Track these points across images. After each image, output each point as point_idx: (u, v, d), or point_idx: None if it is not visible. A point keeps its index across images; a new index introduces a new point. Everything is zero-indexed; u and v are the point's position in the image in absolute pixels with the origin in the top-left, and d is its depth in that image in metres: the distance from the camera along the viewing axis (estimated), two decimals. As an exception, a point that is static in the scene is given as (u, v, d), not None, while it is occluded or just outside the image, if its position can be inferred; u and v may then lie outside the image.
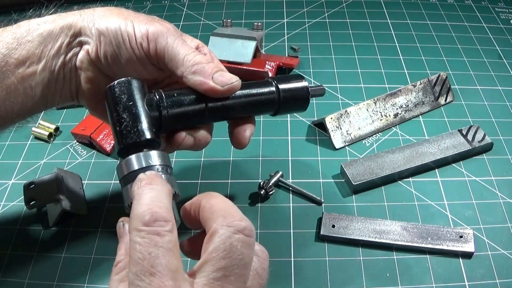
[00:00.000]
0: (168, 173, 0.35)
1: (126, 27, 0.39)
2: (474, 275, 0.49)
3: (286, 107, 0.44)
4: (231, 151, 0.63)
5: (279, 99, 0.43)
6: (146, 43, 0.39)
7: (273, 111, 0.45)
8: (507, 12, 0.90)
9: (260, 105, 0.43)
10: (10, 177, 0.61)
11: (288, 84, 0.44)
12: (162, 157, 0.36)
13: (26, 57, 0.38)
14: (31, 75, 0.39)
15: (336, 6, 0.92)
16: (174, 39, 0.39)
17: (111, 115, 0.37)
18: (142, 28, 0.39)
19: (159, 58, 0.40)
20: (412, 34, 0.84)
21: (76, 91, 0.42)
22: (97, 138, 0.62)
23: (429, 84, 0.69)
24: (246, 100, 0.42)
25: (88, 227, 0.55)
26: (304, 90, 0.44)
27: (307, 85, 0.45)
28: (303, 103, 0.45)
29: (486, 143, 0.61)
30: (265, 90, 0.43)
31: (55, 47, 0.39)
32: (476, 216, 0.55)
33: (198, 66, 0.38)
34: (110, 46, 0.39)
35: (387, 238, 0.51)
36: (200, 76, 0.38)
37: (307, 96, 0.45)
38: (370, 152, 0.63)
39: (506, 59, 0.78)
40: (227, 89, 0.39)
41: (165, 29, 0.39)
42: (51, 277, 0.50)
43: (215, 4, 0.93)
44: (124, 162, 0.35)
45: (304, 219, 0.55)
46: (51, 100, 0.42)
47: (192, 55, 0.39)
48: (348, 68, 0.76)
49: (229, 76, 0.39)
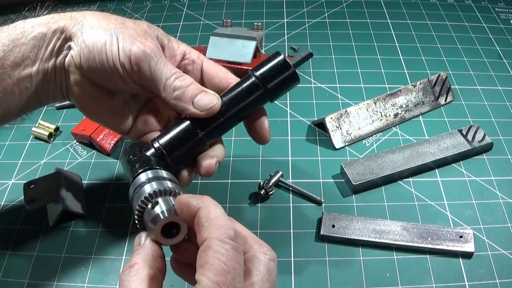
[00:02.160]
0: (180, 189, 0.38)
1: (111, 46, 0.39)
2: (474, 275, 0.49)
3: (275, 89, 0.42)
4: (231, 151, 0.63)
5: (264, 86, 0.42)
6: (129, 66, 0.39)
7: (267, 100, 0.43)
8: (507, 12, 0.90)
9: (252, 103, 0.42)
10: (10, 177, 0.61)
11: (264, 68, 0.42)
12: (169, 174, 0.39)
13: (21, 60, 0.39)
14: (26, 77, 0.40)
15: (336, 6, 0.92)
16: (156, 63, 0.40)
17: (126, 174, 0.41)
18: (127, 49, 0.39)
19: (142, 81, 0.41)
20: (412, 34, 0.84)
21: (66, 91, 0.43)
22: (97, 138, 0.62)
23: (429, 84, 0.69)
24: (236, 108, 0.42)
25: (88, 227, 0.55)
26: (282, 65, 0.42)
27: (283, 57, 0.42)
28: (290, 77, 0.42)
29: (486, 143, 0.61)
30: (248, 87, 0.42)
31: (48, 50, 0.40)
32: (476, 216, 0.55)
33: (178, 91, 0.40)
34: (93, 61, 0.40)
35: (387, 238, 0.51)
36: (182, 102, 0.40)
37: (288, 67, 0.42)
38: (370, 152, 0.63)
39: (506, 59, 0.78)
40: (206, 114, 0.40)
41: (148, 50, 0.39)
42: (51, 277, 0.50)
43: (215, 4, 0.93)
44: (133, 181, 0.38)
45: (304, 219, 0.55)
46: (45, 99, 0.43)
47: (172, 79, 0.40)
48: (348, 68, 0.76)
49: (209, 99, 0.40)
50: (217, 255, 0.30)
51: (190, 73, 0.44)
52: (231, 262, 0.30)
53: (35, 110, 0.44)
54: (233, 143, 0.64)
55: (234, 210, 0.56)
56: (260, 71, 0.42)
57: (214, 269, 0.29)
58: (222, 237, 0.30)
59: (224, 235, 0.30)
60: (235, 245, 0.30)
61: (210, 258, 0.30)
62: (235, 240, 0.31)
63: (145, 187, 0.36)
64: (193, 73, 0.44)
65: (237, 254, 0.30)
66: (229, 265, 0.29)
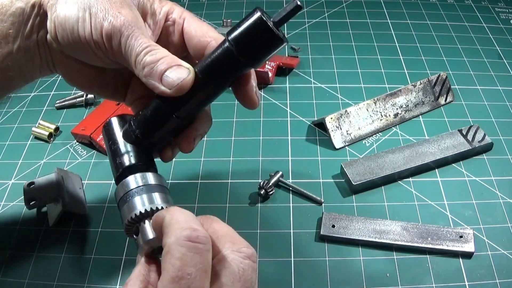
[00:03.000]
0: (166, 193, 0.36)
1: (83, 23, 0.36)
2: (474, 275, 0.49)
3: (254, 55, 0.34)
4: (231, 151, 0.63)
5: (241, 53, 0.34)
6: (102, 43, 0.36)
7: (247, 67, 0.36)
8: (507, 12, 0.90)
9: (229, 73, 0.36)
10: (10, 177, 0.61)
11: (238, 30, 0.33)
12: (158, 177, 0.37)
13: (1, 38, 0.37)
14: (8, 55, 0.38)
15: (336, 6, 0.92)
16: (126, 38, 0.35)
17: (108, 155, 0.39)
18: (98, 25, 0.35)
19: (116, 59, 0.37)
20: (412, 34, 0.84)
21: (53, 66, 0.41)
22: (97, 138, 0.62)
23: (429, 84, 0.69)
24: (212, 82, 0.36)
25: (88, 227, 0.55)
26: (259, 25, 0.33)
27: (259, 15, 0.32)
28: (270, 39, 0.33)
29: (486, 143, 0.61)
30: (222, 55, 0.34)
31: (28, 26, 0.38)
32: (476, 216, 0.55)
33: (147, 68, 0.35)
34: (68, 39, 0.37)
35: (387, 238, 0.51)
36: (151, 79, 0.35)
37: (267, 28, 0.32)
38: (370, 152, 0.63)
39: (506, 59, 0.78)
40: (175, 91, 0.34)
41: (119, 24, 0.35)
42: (51, 277, 0.50)
43: (215, 4, 0.93)
44: (120, 185, 0.36)
45: (304, 219, 0.55)
46: (30, 76, 0.41)
47: (143, 54, 0.35)
48: (348, 68, 0.76)
49: (178, 75, 0.34)
50: (172, 260, 0.28)
51: (171, 35, 0.40)
52: (186, 267, 0.27)
53: (21, 87, 0.42)
54: (233, 143, 0.64)
55: (234, 210, 0.56)
56: (234, 34, 0.33)
57: (169, 276, 0.27)
58: (180, 240, 0.28)
59: (181, 238, 0.28)
60: (193, 247, 0.28)
61: (167, 264, 0.28)
62: (194, 240, 0.28)
63: (135, 201, 0.34)
64: (174, 35, 0.40)
65: (195, 257, 0.28)
66: (183, 270, 0.27)
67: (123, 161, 0.37)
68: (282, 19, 0.33)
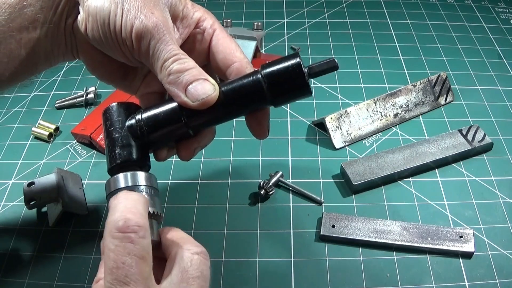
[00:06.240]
0: (152, 195, 0.36)
1: (114, 18, 0.35)
2: (474, 275, 0.49)
3: (280, 94, 0.36)
4: (231, 151, 0.63)
5: (269, 90, 0.35)
6: (130, 42, 0.36)
7: (266, 104, 0.38)
8: (507, 12, 0.90)
9: (251, 103, 0.37)
10: (10, 177, 0.61)
11: (274, 67, 0.35)
12: (149, 178, 0.37)
13: (29, 22, 0.37)
14: (35, 40, 0.38)
15: (336, 6, 0.92)
16: (157, 41, 0.35)
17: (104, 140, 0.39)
18: (129, 23, 0.35)
19: (142, 59, 0.37)
20: (412, 34, 0.84)
21: (77, 52, 0.41)
22: (97, 138, 0.62)
23: (429, 84, 0.69)
24: (233, 105, 0.37)
25: (88, 227, 0.55)
26: (295, 69, 0.35)
27: (299, 61, 0.35)
28: (299, 87, 0.36)
29: (486, 143, 0.61)
30: (251, 84, 0.36)
31: (57, 12, 0.38)
32: (476, 216, 0.55)
33: (173, 76, 0.35)
34: (97, 31, 0.37)
35: (387, 238, 0.51)
36: (175, 88, 0.36)
37: (301, 74, 0.35)
38: (370, 152, 0.63)
39: (506, 59, 0.78)
40: (198, 105, 0.35)
41: (151, 26, 0.35)
42: (51, 277, 0.50)
43: (215, 4, 0.93)
44: (111, 180, 0.36)
45: (304, 219, 0.55)
46: (55, 60, 0.41)
47: (170, 61, 0.35)
48: (348, 68, 0.76)
49: (203, 90, 0.35)
50: (108, 253, 0.29)
51: (198, 43, 0.40)
52: (120, 257, 0.29)
53: (44, 71, 0.42)
54: (233, 143, 0.64)
55: (234, 210, 0.56)
56: (269, 70, 0.35)
57: (107, 268, 0.29)
58: (112, 233, 0.29)
59: (113, 230, 0.29)
60: (125, 237, 0.29)
61: (105, 258, 0.29)
62: (125, 231, 0.29)
63: None
64: (200, 44, 0.40)
65: (128, 245, 0.29)
66: (117, 260, 0.29)
67: (121, 153, 0.37)
68: (317, 74, 0.36)
